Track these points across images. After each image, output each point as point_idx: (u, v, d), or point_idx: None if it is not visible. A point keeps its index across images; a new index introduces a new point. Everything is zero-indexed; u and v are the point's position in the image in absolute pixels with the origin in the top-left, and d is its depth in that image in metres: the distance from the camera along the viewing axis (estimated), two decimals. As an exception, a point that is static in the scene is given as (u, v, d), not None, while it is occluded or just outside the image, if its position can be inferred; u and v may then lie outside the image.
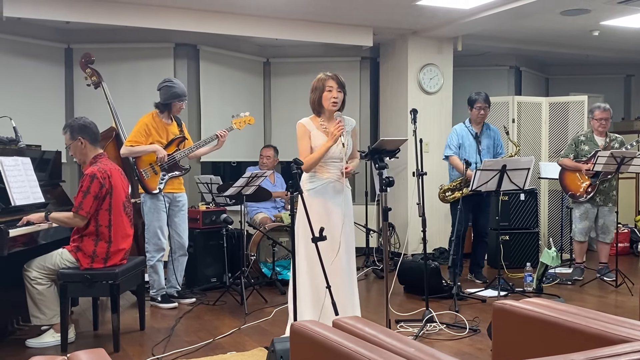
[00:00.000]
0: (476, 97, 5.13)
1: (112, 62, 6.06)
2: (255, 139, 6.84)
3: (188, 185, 5.19)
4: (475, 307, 4.43)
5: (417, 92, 6.53)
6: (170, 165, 4.52)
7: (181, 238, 4.66)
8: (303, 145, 3.38)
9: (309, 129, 3.40)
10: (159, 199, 4.48)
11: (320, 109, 3.42)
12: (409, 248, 6.32)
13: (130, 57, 6.16)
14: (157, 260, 4.51)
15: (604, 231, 5.30)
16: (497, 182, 4.44)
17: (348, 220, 3.42)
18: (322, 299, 3.09)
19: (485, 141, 5.18)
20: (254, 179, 4.53)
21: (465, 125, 5.19)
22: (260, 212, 5.75)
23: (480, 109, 5.10)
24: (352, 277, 3.43)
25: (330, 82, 3.36)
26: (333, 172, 3.37)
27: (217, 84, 6.50)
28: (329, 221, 3.29)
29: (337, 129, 3.26)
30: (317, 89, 3.40)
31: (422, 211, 3.93)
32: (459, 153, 5.10)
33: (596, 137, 5.29)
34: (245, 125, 4.80)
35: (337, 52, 6.85)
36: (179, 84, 4.56)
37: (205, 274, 5.14)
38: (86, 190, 3.45)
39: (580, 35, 6.70)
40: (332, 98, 3.35)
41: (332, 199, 3.34)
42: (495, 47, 7.12)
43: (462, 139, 5.13)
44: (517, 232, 5.93)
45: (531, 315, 1.71)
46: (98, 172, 3.50)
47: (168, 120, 4.61)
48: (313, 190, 3.34)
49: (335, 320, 1.73)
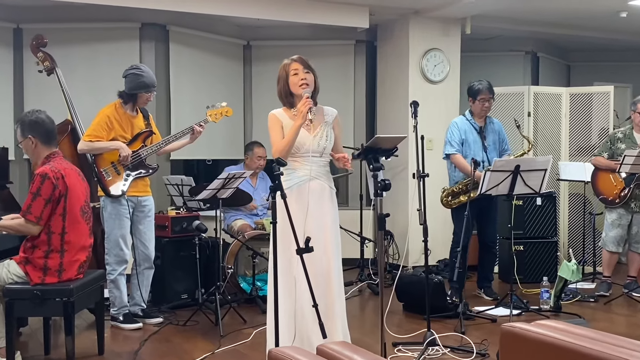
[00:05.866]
0: (479, 87, 5.12)
1: (68, 44, 6.01)
2: (234, 133, 6.82)
3: (155, 187, 5.16)
4: (484, 327, 4.44)
5: (419, 81, 6.54)
6: (135, 163, 4.50)
7: (147, 248, 4.63)
8: (274, 135, 3.46)
9: (281, 119, 3.49)
10: (122, 203, 4.46)
11: (291, 99, 3.50)
12: (409, 260, 6.33)
13: (89, 39, 6.11)
14: (118, 274, 4.48)
15: (637, 240, 5.34)
16: (509, 184, 4.45)
17: (332, 226, 3.43)
18: (306, 319, 3.09)
19: (490, 136, 5.20)
20: (231, 181, 4.51)
21: (467, 118, 5.20)
22: (238, 219, 5.74)
23: (484, 101, 5.10)
24: (338, 291, 3.43)
25: (294, 65, 3.46)
26: (312, 169, 3.41)
27: (190, 70, 6.47)
28: (307, 226, 3.28)
29: (304, 104, 3.32)
30: (281, 77, 3.51)
31: (424, 218, 3.94)
32: (462, 150, 5.12)
33: (636, 135, 5.31)
34: (222, 117, 4.79)
35: (327, 35, 6.85)
36: (148, 73, 4.55)
37: (175, 289, 5.12)
38: (36, 192, 3.43)
39: (606, 16, 6.73)
40: (301, 80, 3.42)
41: (311, 200, 3.36)
42: (509, 29, 7.14)
43: (464, 134, 5.13)
44: (533, 241, 5.95)
45: (545, 341, 1.71)
46: (50, 172, 3.48)
47: (133, 113, 4.59)
48: (288, 190, 3.34)
49: (319, 347, 1.73)
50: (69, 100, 5.05)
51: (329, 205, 3.46)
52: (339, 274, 3.47)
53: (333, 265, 3.42)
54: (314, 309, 2.96)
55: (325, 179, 3.46)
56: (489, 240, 5.28)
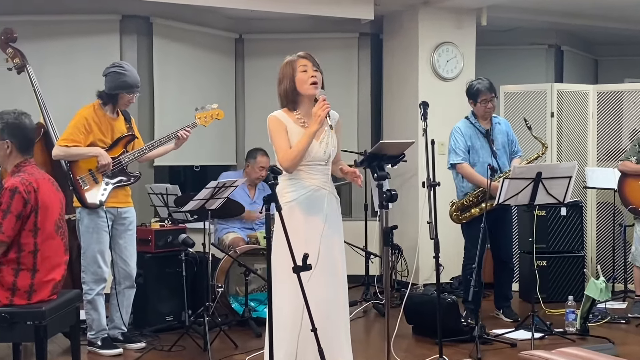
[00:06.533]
0: (478, 87, 5.13)
1: (41, 39, 6.05)
2: (225, 136, 6.85)
3: (137, 197, 5.19)
4: (503, 353, 4.46)
5: (430, 78, 6.57)
6: (115, 171, 4.53)
7: (128, 265, 4.66)
8: (280, 141, 3.38)
9: (285, 122, 3.42)
10: (100, 215, 4.48)
11: (296, 98, 3.44)
12: (419, 277, 6.35)
13: (64, 33, 6.14)
14: (96, 294, 4.50)
15: None
16: (530, 193, 4.48)
17: (340, 240, 3.45)
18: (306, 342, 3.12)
19: (499, 138, 5.23)
20: (221, 191, 4.54)
21: (471, 121, 5.22)
22: (230, 232, 5.77)
23: (486, 102, 5.13)
24: (343, 313, 3.45)
25: (302, 61, 3.41)
26: (318, 178, 3.41)
27: (176, 67, 6.51)
28: (314, 241, 3.28)
29: (322, 107, 3.24)
30: (285, 75, 3.43)
31: (435, 232, 3.97)
32: (469, 158, 5.15)
33: None
34: (213, 120, 4.82)
35: (328, 27, 6.89)
36: (132, 72, 4.58)
37: (159, 311, 5.13)
38: (6, 209, 3.44)
39: (633, 5, 6.75)
40: (311, 77, 3.37)
41: (319, 213, 3.36)
42: (530, 20, 7.16)
43: (470, 140, 5.16)
44: (557, 256, 5.97)
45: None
46: (20, 185, 3.49)
47: (113, 115, 4.62)
48: (295, 202, 3.37)
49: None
50: (42, 101, 5.07)
51: (337, 218, 3.48)
52: (345, 294, 3.48)
53: (343, 285, 3.44)
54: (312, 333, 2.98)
55: (331, 187, 3.47)
56: (504, 255, 5.30)
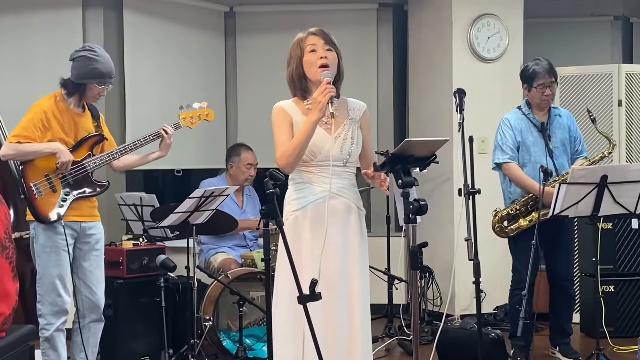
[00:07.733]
0: (534, 69, 5.12)
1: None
2: (213, 133, 6.84)
3: (105, 209, 5.18)
4: (561, 401, 4.44)
5: (467, 59, 6.57)
6: (78, 178, 4.52)
7: (94, 294, 4.64)
8: (280, 134, 3.44)
9: (291, 114, 3.46)
10: (58, 232, 4.47)
11: (304, 86, 3.49)
12: (455, 306, 6.33)
13: (17, 8, 6.16)
14: (55, 330, 4.48)
15: None
16: (593, 202, 4.45)
17: (360, 261, 3.44)
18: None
19: (557, 134, 5.20)
20: (209, 201, 4.53)
21: (523, 111, 5.22)
22: (220, 252, 5.77)
23: (543, 87, 5.11)
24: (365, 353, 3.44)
25: (311, 38, 3.45)
26: (333, 183, 3.38)
27: (152, 48, 6.53)
28: (326, 260, 3.28)
29: (324, 92, 3.27)
30: (293, 57, 3.49)
31: (475, 251, 3.94)
32: (519, 157, 5.14)
33: None
34: (200, 121, 4.80)
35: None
36: (105, 58, 4.54)
37: (132, 349, 5.14)
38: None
39: None
40: (320, 59, 3.40)
41: (332, 224, 3.35)
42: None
43: (521, 135, 5.15)
44: (628, 279, 5.94)
45: None
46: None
47: (78, 109, 4.60)
48: (301, 211, 3.37)
49: None
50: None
51: (356, 232, 3.46)
52: (367, 329, 3.48)
53: (360, 316, 3.43)
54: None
55: (351, 195, 3.46)
56: (563, 277, 5.24)
